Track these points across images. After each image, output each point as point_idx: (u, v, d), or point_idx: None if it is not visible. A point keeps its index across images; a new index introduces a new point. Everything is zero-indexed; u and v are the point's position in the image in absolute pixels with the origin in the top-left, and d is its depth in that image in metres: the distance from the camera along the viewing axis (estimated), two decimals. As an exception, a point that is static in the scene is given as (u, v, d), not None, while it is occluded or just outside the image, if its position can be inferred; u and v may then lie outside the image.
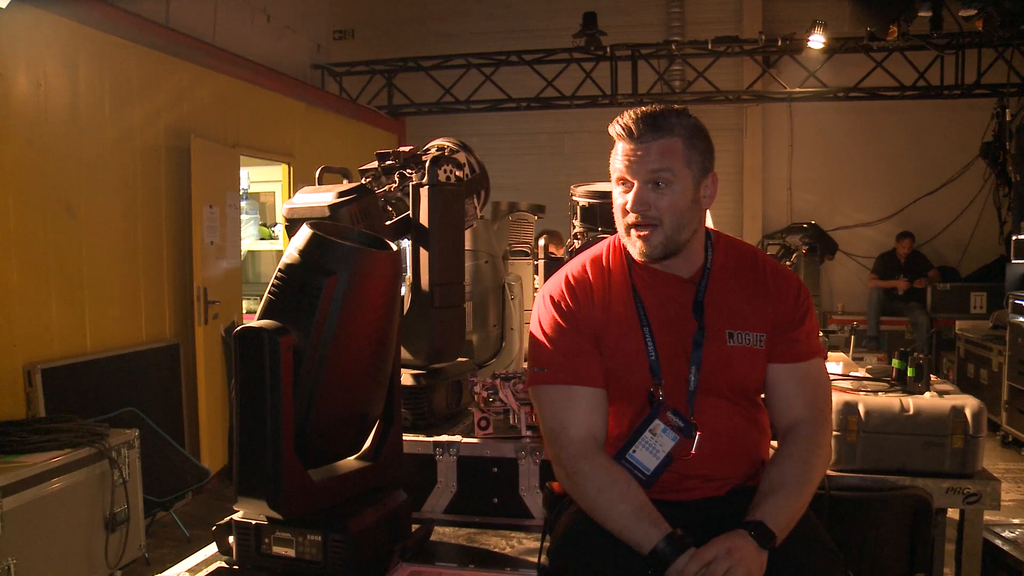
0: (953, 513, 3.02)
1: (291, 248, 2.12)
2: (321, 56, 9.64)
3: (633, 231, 1.92)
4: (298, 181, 7.57)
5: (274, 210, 8.89)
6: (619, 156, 1.92)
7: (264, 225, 8.77)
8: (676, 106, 1.99)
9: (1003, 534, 3.36)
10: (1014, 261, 6.97)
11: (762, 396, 2.10)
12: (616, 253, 2.06)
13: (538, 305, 2.06)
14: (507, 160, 10.07)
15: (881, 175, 10.12)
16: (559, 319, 1.99)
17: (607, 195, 3.56)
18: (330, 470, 2.23)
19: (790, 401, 2.00)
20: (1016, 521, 3.61)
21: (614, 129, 1.93)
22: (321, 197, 2.67)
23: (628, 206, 1.91)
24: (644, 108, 1.93)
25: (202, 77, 6.46)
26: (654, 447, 1.94)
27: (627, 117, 1.91)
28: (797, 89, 9.12)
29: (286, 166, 7.78)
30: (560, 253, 6.03)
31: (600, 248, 2.10)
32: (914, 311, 9.27)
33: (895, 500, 2.83)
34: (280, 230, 8.31)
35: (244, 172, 7.99)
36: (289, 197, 7.58)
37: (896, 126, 9.87)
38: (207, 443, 6.11)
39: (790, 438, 1.97)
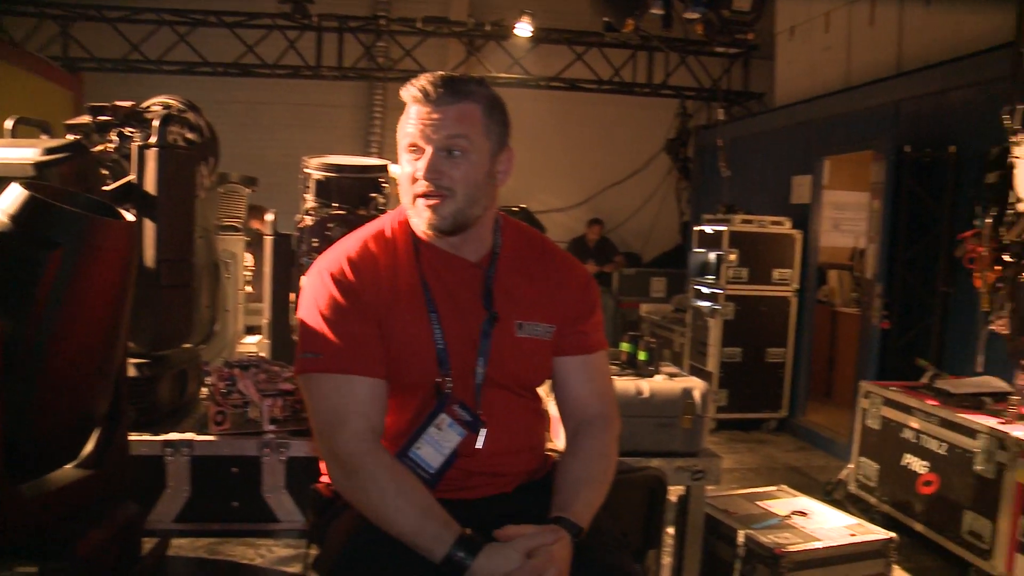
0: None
1: (-2, 213, 1.71)
2: (-25, -10, 8.41)
3: (421, 201, 1.75)
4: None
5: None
6: (412, 120, 1.74)
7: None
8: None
9: (717, 505, 3.57)
10: (695, 250, 7.49)
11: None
12: (401, 230, 1.87)
13: (313, 283, 1.81)
14: (200, 129, 9.40)
15: (575, 164, 10.58)
16: (340, 298, 1.76)
17: (344, 168, 3.35)
18: (45, 483, 1.84)
19: (583, 394, 1.95)
20: (731, 492, 3.84)
21: (408, 92, 1.75)
22: (21, 152, 2.23)
23: (419, 174, 1.73)
24: (441, 73, 1.78)
25: None
26: (439, 443, 1.79)
27: (423, 80, 1.74)
28: (502, 75, 9.27)
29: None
30: (266, 229, 5.67)
31: (382, 223, 1.90)
32: (602, 294, 9.78)
33: (633, 481, 2.87)
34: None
35: None
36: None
37: (591, 118, 10.34)
38: None
39: (588, 432, 1.91)
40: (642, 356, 3.27)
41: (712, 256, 7.17)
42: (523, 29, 8.54)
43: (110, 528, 1.88)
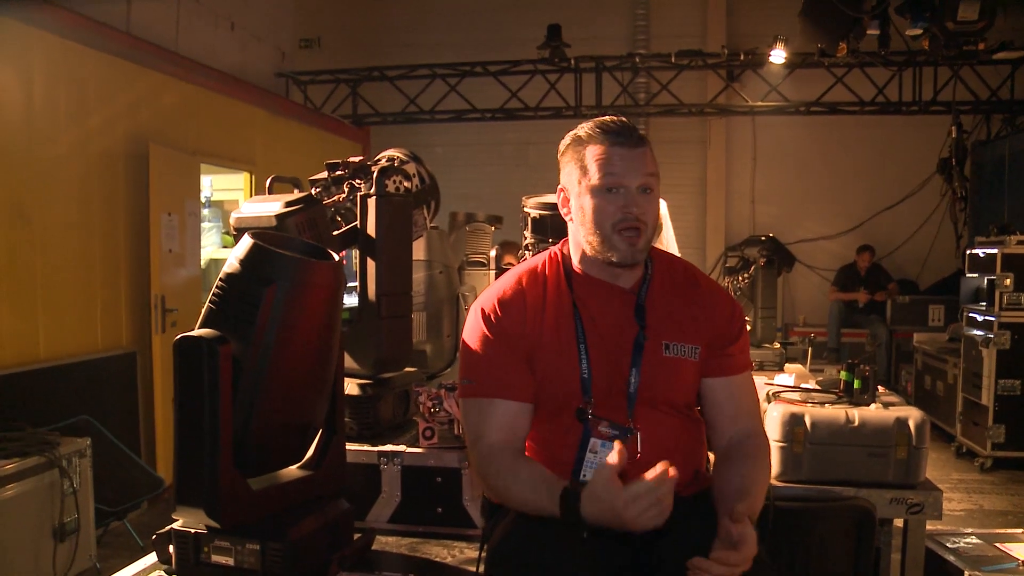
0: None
1: (232, 258, 2.12)
2: (286, 64, 9.62)
3: (621, 234, 1.93)
4: (260, 190, 7.54)
5: (238, 219, 8.82)
6: (613, 160, 1.92)
7: (227, 234, 8.73)
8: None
9: (948, 544, 3.39)
10: (968, 275, 7.06)
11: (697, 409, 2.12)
12: (554, 265, 2.07)
13: (470, 319, 2.06)
14: (472, 170, 10.12)
15: (842, 189, 10.25)
16: (488, 332, 1.99)
17: (555, 207, 3.61)
18: (271, 479, 2.23)
19: (732, 413, 2.05)
20: (968, 531, 3.63)
21: (600, 134, 1.94)
22: (269, 207, 2.67)
23: (623, 209, 1.91)
24: (615, 118, 1.97)
25: (162, 84, 6.43)
26: (601, 464, 1.90)
27: (611, 124, 1.94)
28: (759, 103, 9.24)
29: (248, 174, 7.75)
30: (516, 263, 6.05)
31: (537, 260, 2.10)
32: (874, 323, 9.38)
33: (839, 511, 2.86)
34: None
35: (207, 180, 7.94)
36: (250, 205, 7.63)
37: (856, 141, 10.01)
38: (163, 452, 6.05)
39: (744, 446, 2.00)
40: (856, 384, 3.22)
41: (985, 281, 6.73)
42: (778, 56, 8.43)
43: (321, 519, 2.23)
